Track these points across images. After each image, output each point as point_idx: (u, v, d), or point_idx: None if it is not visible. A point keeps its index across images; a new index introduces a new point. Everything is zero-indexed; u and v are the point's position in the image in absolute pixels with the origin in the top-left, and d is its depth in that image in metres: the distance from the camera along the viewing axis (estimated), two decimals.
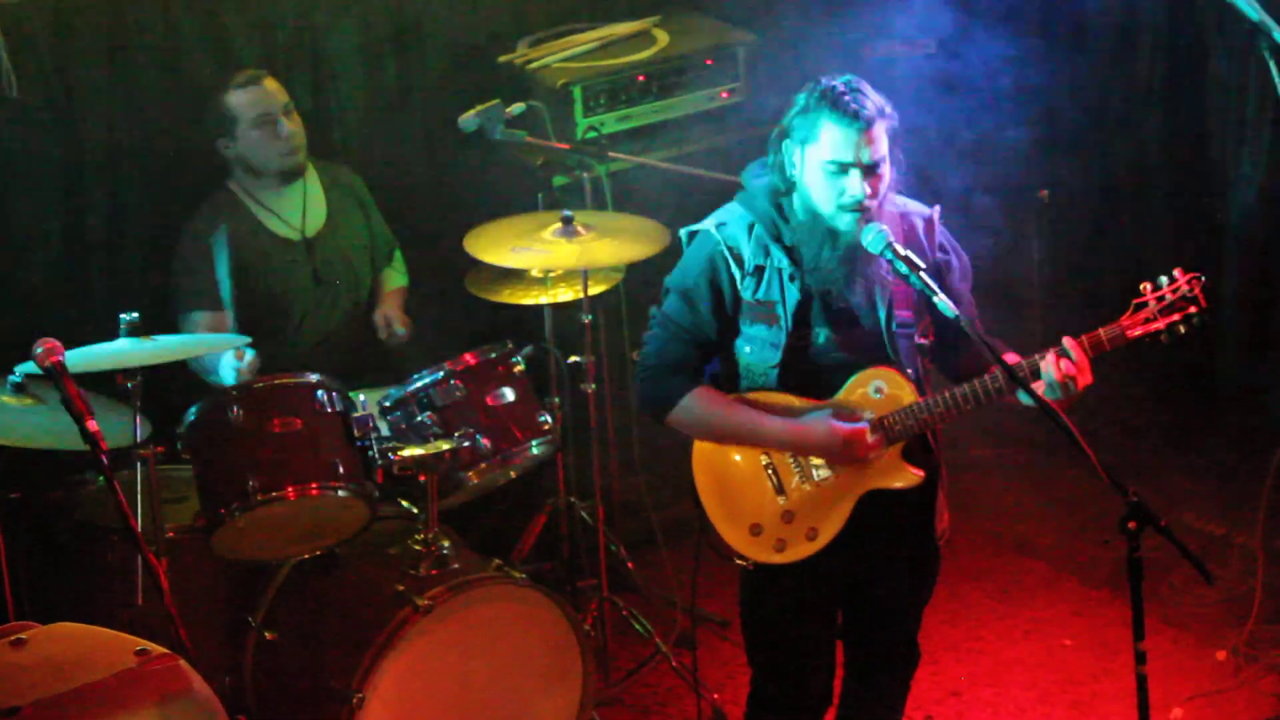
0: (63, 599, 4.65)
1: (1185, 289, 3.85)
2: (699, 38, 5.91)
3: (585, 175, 5.41)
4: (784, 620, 4.05)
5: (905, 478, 3.94)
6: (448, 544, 4.53)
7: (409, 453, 4.50)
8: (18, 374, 4.50)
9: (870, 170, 3.79)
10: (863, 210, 3.79)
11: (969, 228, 4.41)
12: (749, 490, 3.95)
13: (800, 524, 3.93)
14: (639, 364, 4.03)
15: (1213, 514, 5.78)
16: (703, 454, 4.00)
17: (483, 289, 5.29)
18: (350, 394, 4.64)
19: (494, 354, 4.79)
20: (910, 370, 3.92)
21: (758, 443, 3.94)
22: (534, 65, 5.73)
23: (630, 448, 5.56)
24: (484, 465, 4.67)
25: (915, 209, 4.01)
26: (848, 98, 3.76)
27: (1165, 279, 3.86)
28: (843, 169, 3.77)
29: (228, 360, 4.84)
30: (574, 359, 5.23)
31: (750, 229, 3.92)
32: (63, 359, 3.74)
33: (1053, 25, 6.17)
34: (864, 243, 3.80)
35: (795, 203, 3.87)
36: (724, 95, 5.87)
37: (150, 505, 4.41)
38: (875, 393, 3.89)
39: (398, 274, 5.54)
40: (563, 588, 5.33)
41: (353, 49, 5.71)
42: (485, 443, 4.63)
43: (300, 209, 5.26)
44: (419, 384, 4.67)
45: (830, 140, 3.77)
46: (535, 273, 5.24)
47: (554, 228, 5.03)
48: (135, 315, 4.46)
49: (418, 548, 4.52)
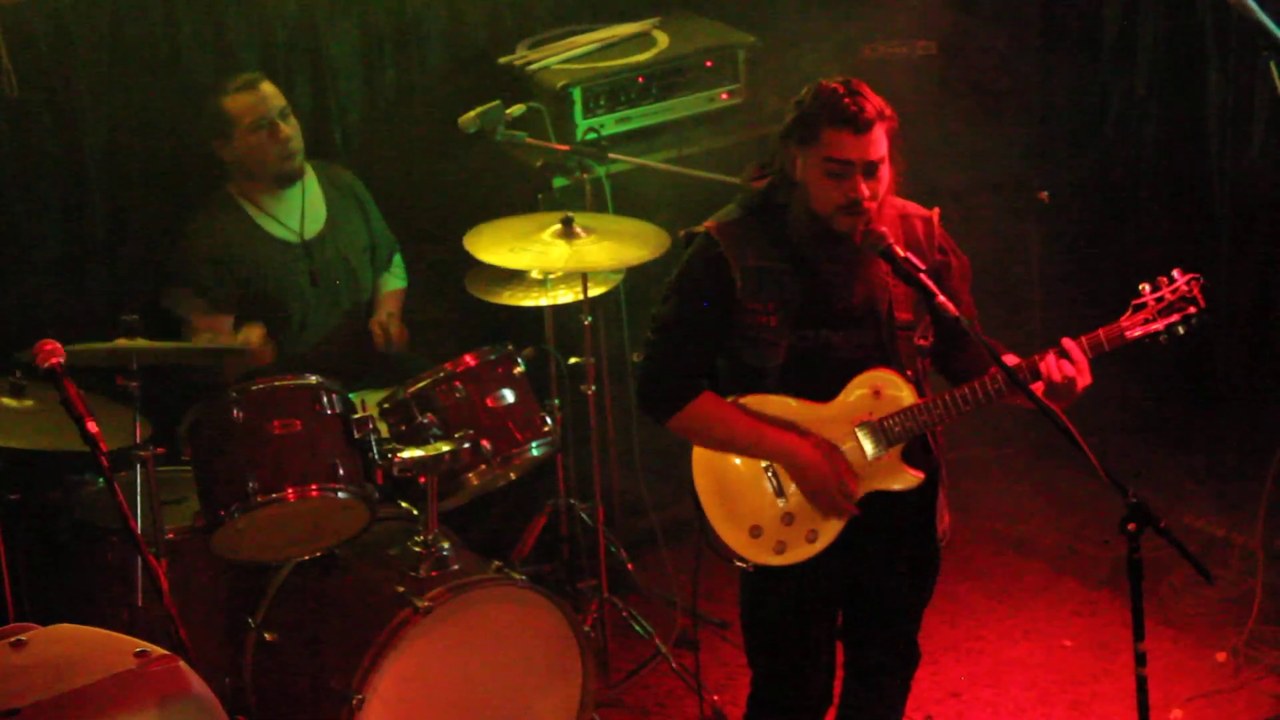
0: (63, 599, 4.66)
1: (1184, 289, 3.85)
2: (699, 39, 5.90)
3: (585, 177, 5.41)
4: (784, 621, 4.04)
5: (905, 479, 3.93)
6: (447, 545, 4.53)
7: (409, 454, 4.50)
8: (18, 375, 4.51)
9: (870, 171, 3.78)
10: (862, 211, 3.78)
11: (968, 228, 4.40)
12: (749, 492, 3.95)
13: (800, 526, 3.93)
14: (640, 366, 4.03)
15: (1213, 514, 5.77)
16: (703, 456, 3.99)
17: (483, 290, 5.29)
18: (350, 395, 4.64)
19: (494, 355, 4.79)
20: (910, 371, 3.91)
21: (758, 456, 3.94)
22: (534, 67, 5.73)
23: (630, 448, 5.55)
24: (484, 466, 4.67)
25: (915, 210, 4.00)
26: (847, 99, 3.75)
27: (1164, 279, 3.87)
28: (842, 170, 3.77)
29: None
30: (574, 360, 5.23)
31: (750, 230, 3.91)
32: (63, 360, 3.74)
33: (1052, 25, 6.17)
34: (864, 244, 3.80)
35: (795, 204, 3.87)
36: (724, 97, 5.87)
37: (150, 506, 4.41)
38: (875, 394, 3.89)
39: (397, 276, 5.54)
40: (563, 589, 5.34)
41: (353, 49, 5.71)
42: (485, 444, 4.64)
43: (298, 211, 5.25)
44: (419, 385, 4.67)
45: (830, 141, 3.76)
46: (535, 274, 5.24)
47: (554, 229, 5.03)
48: (135, 315, 4.48)
49: (417, 549, 4.52)
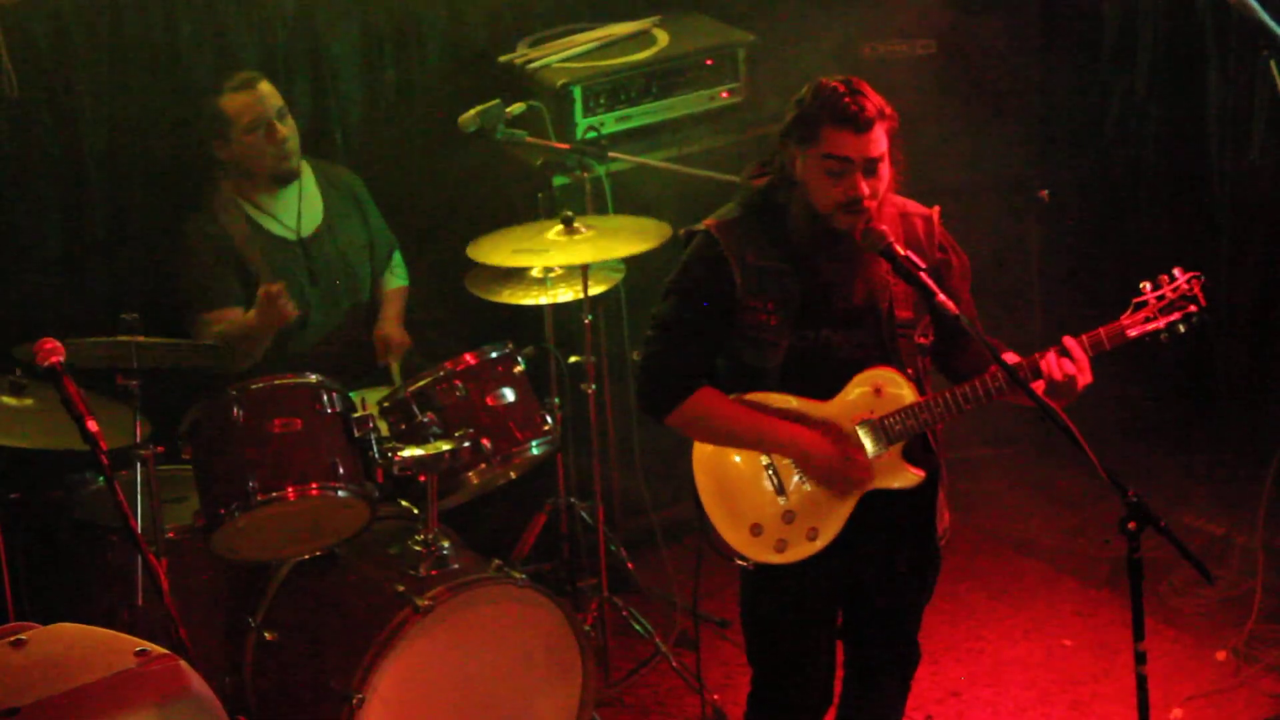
0: (63, 599, 4.66)
1: (1185, 288, 3.85)
2: (699, 38, 5.90)
3: (585, 175, 5.41)
4: (784, 620, 4.04)
5: (905, 478, 3.93)
6: (448, 544, 4.53)
7: (409, 453, 4.50)
8: (18, 374, 4.51)
9: (870, 170, 3.78)
10: (862, 210, 3.78)
11: (968, 228, 4.40)
12: (749, 490, 3.95)
13: (801, 524, 3.93)
14: (640, 365, 4.03)
15: (1213, 514, 5.77)
16: (703, 454, 3.99)
17: (483, 289, 5.29)
18: (350, 394, 4.64)
19: (494, 354, 4.79)
20: (910, 370, 3.91)
21: (759, 448, 3.94)
22: (534, 65, 5.72)
23: (630, 448, 5.55)
24: (484, 465, 4.67)
25: (915, 209, 4.00)
26: (847, 98, 3.75)
27: (1165, 278, 3.87)
28: (842, 169, 3.76)
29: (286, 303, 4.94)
30: (574, 359, 5.23)
31: (750, 229, 3.91)
32: (63, 359, 3.74)
33: (1052, 25, 6.16)
34: (864, 243, 3.80)
35: (795, 203, 3.87)
36: (724, 95, 5.87)
37: (150, 505, 4.41)
38: (875, 393, 3.89)
39: (397, 275, 5.54)
40: (563, 588, 5.34)
41: (353, 49, 5.70)
42: (485, 443, 4.64)
43: (295, 210, 5.25)
44: (419, 384, 4.67)
45: (830, 140, 3.76)
46: (535, 273, 5.24)
47: (555, 229, 5.04)
48: (135, 315, 4.48)
49: (418, 548, 4.52)
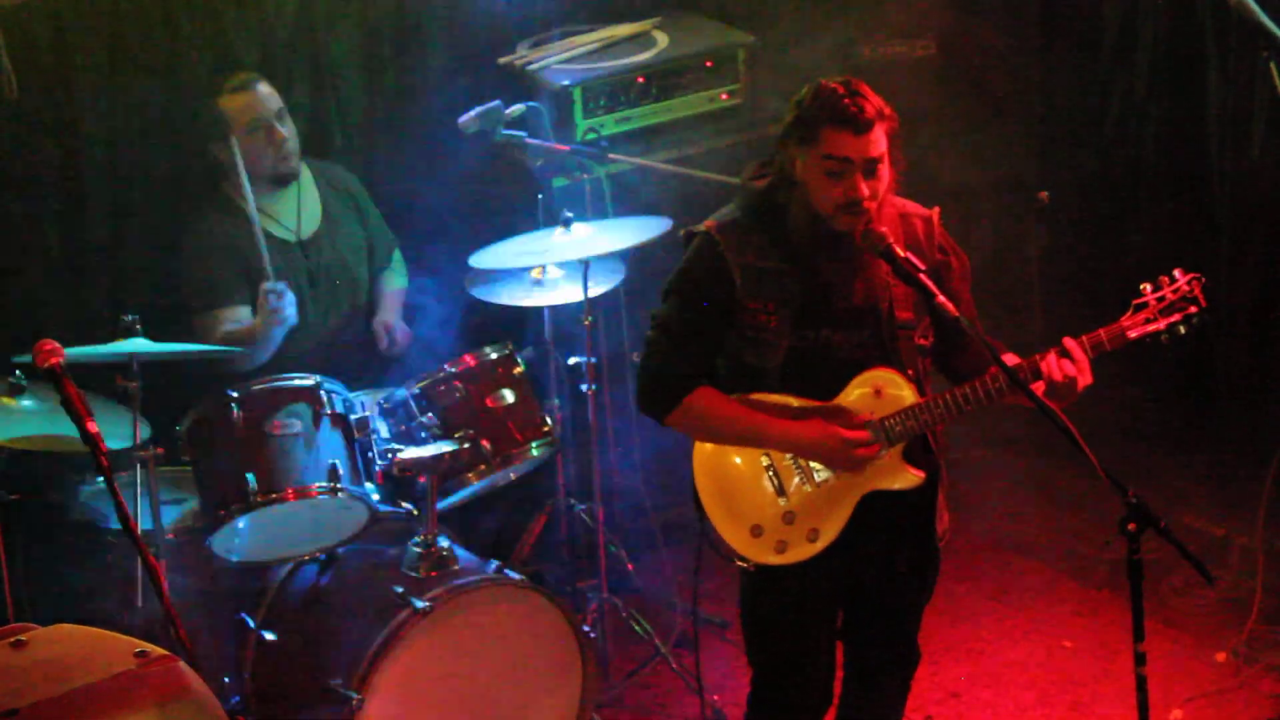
0: (63, 599, 4.66)
1: (1185, 289, 3.85)
2: (699, 39, 5.90)
3: (585, 177, 5.41)
4: (784, 621, 4.04)
5: (906, 479, 3.93)
6: (447, 545, 4.53)
7: (409, 454, 4.50)
8: (18, 375, 4.51)
9: (869, 170, 3.78)
10: (862, 211, 3.78)
11: (968, 228, 4.40)
12: (750, 491, 3.95)
13: (801, 525, 3.93)
14: (640, 365, 4.03)
15: (1213, 514, 5.77)
16: (704, 455, 3.99)
17: (483, 290, 5.29)
18: (350, 395, 4.64)
19: (494, 355, 4.79)
20: (910, 371, 3.91)
21: (758, 444, 3.94)
22: (534, 67, 5.72)
23: (630, 448, 5.55)
24: (484, 466, 4.68)
25: (915, 210, 4.00)
26: (847, 99, 3.75)
27: (1165, 279, 3.86)
28: (842, 170, 3.76)
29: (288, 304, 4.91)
30: (574, 360, 5.23)
31: (750, 230, 3.91)
32: (62, 360, 3.74)
33: (1052, 25, 6.17)
34: (864, 244, 3.80)
35: (795, 204, 3.86)
36: (724, 97, 5.86)
37: (150, 506, 4.41)
38: (876, 394, 3.89)
39: (396, 275, 5.54)
40: (563, 589, 5.33)
41: (353, 49, 5.70)
42: (485, 444, 4.64)
43: (295, 211, 5.25)
44: (419, 385, 4.67)
45: (829, 141, 3.75)
46: (535, 273, 5.24)
47: (555, 231, 5.06)
48: (135, 315, 4.48)
49: (417, 549, 4.52)
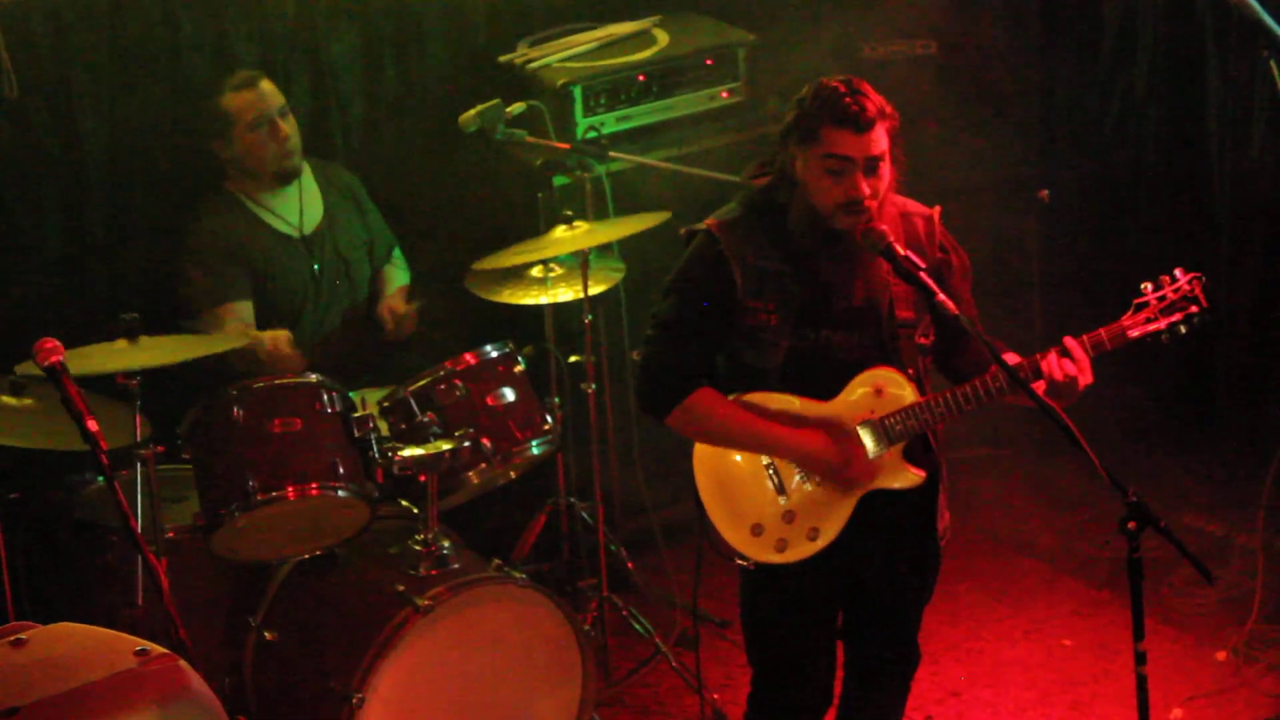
0: (63, 599, 4.65)
1: (1186, 289, 3.85)
2: (699, 38, 5.90)
3: (585, 175, 5.41)
4: (784, 620, 4.04)
5: (906, 478, 3.93)
6: (448, 544, 4.53)
7: (409, 453, 4.50)
8: (16, 372, 4.51)
9: (870, 169, 3.77)
10: (863, 210, 3.78)
11: (968, 228, 4.40)
12: (750, 490, 3.95)
13: (801, 524, 3.93)
14: (640, 364, 4.03)
15: (1213, 514, 5.77)
16: (704, 454, 3.99)
17: (483, 289, 5.29)
18: (350, 394, 4.64)
19: (494, 354, 4.79)
20: (911, 370, 3.91)
21: (756, 450, 3.93)
22: (534, 65, 5.72)
23: (630, 448, 5.55)
24: (484, 465, 4.67)
25: (915, 209, 4.00)
26: (848, 98, 3.75)
27: (1166, 279, 3.86)
28: (843, 169, 3.76)
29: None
30: (574, 359, 5.23)
31: (751, 229, 3.91)
32: (63, 359, 3.74)
33: (1052, 25, 6.17)
34: (864, 243, 3.80)
35: (795, 203, 3.86)
36: (724, 95, 5.86)
37: (150, 505, 4.41)
38: (876, 393, 3.89)
39: (400, 271, 5.53)
40: (563, 588, 5.34)
41: (353, 49, 5.70)
42: (485, 443, 4.63)
43: (297, 208, 5.25)
44: (419, 384, 4.67)
45: (830, 140, 3.75)
46: (535, 272, 5.24)
47: (556, 231, 5.05)
48: (135, 315, 4.47)
49: (418, 548, 4.52)
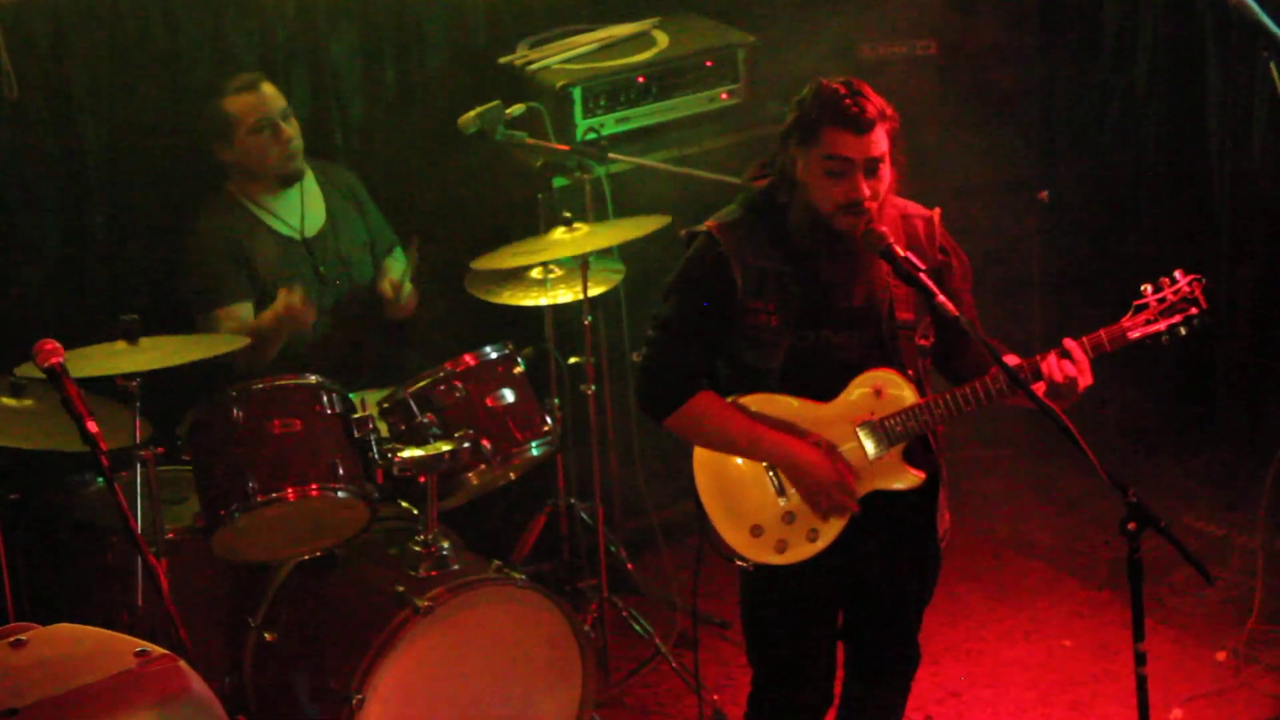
0: (63, 599, 4.65)
1: (1186, 290, 3.85)
2: (699, 39, 5.90)
3: (585, 177, 5.41)
4: (784, 621, 4.04)
5: (907, 479, 3.93)
6: (447, 545, 4.53)
7: (409, 454, 4.49)
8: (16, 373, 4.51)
9: (871, 170, 3.78)
10: (863, 211, 3.78)
11: (969, 228, 4.40)
12: (750, 491, 3.95)
13: (801, 525, 3.93)
14: (640, 365, 4.03)
15: (1213, 514, 5.77)
16: (704, 454, 3.99)
17: (483, 289, 5.29)
18: (350, 395, 4.64)
19: (494, 355, 4.79)
20: (911, 371, 3.91)
21: (753, 456, 3.93)
22: (534, 66, 5.72)
23: (630, 448, 5.55)
24: (484, 466, 4.67)
25: (916, 210, 4.00)
26: (848, 99, 3.75)
27: (1166, 280, 3.86)
28: (843, 170, 3.76)
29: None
30: (574, 360, 5.23)
31: (751, 230, 3.91)
32: (63, 360, 3.74)
33: (1052, 25, 6.17)
34: (864, 244, 3.80)
35: (796, 204, 3.86)
36: (724, 96, 5.86)
37: (150, 506, 4.41)
38: (876, 394, 3.89)
39: (399, 262, 5.51)
40: (563, 588, 5.34)
41: (353, 49, 5.70)
42: (485, 444, 4.63)
43: (298, 210, 5.25)
44: (419, 385, 4.67)
45: (830, 141, 3.76)
46: (535, 273, 5.24)
47: (556, 232, 5.05)
48: (135, 316, 4.47)
49: (417, 549, 4.51)
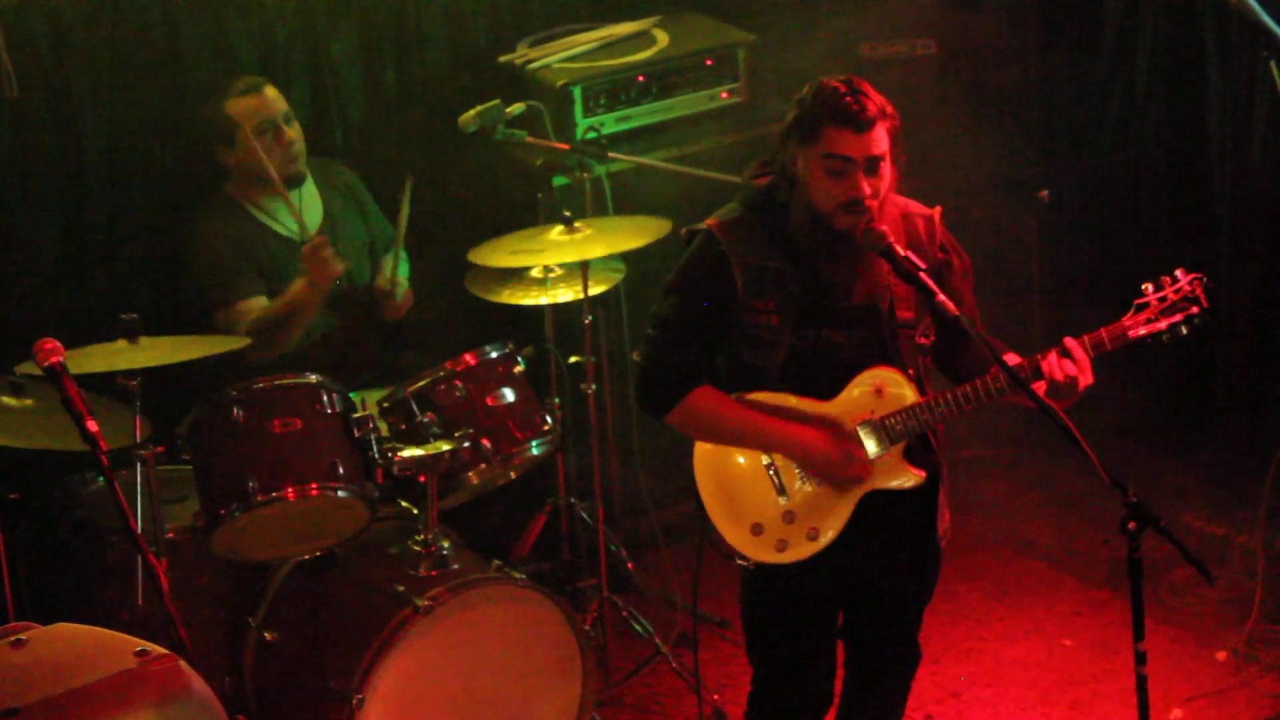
0: (63, 599, 4.65)
1: (1187, 289, 3.84)
2: (699, 38, 5.90)
3: (585, 176, 5.41)
4: (785, 620, 4.04)
5: (907, 478, 3.93)
6: (447, 544, 4.53)
7: (409, 453, 4.49)
8: (17, 372, 4.51)
9: (871, 169, 3.77)
10: (863, 210, 3.78)
11: (969, 227, 4.40)
12: (751, 490, 3.95)
13: (801, 524, 3.93)
14: (640, 364, 4.03)
15: (1213, 514, 5.77)
16: (705, 453, 3.99)
17: (483, 289, 5.29)
18: (350, 394, 4.64)
19: (494, 354, 4.78)
20: (911, 370, 3.91)
21: (756, 446, 3.93)
22: (534, 65, 5.73)
23: (630, 447, 5.55)
24: (484, 465, 4.67)
25: (916, 209, 4.00)
26: (848, 98, 3.75)
27: (1167, 279, 3.86)
28: (843, 168, 3.76)
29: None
30: (574, 359, 5.23)
31: (751, 229, 3.91)
32: (63, 359, 3.74)
33: (1052, 25, 6.17)
34: (864, 243, 3.80)
35: (796, 203, 3.86)
36: (724, 95, 5.86)
37: (150, 505, 4.41)
38: (876, 392, 3.89)
39: (401, 262, 5.51)
40: (563, 588, 5.34)
41: (353, 49, 5.70)
42: (485, 443, 4.63)
43: (297, 210, 5.24)
44: (419, 384, 4.66)
45: (831, 140, 3.75)
46: (535, 273, 5.24)
47: (555, 231, 5.05)
48: (135, 316, 4.47)
49: (417, 548, 4.52)
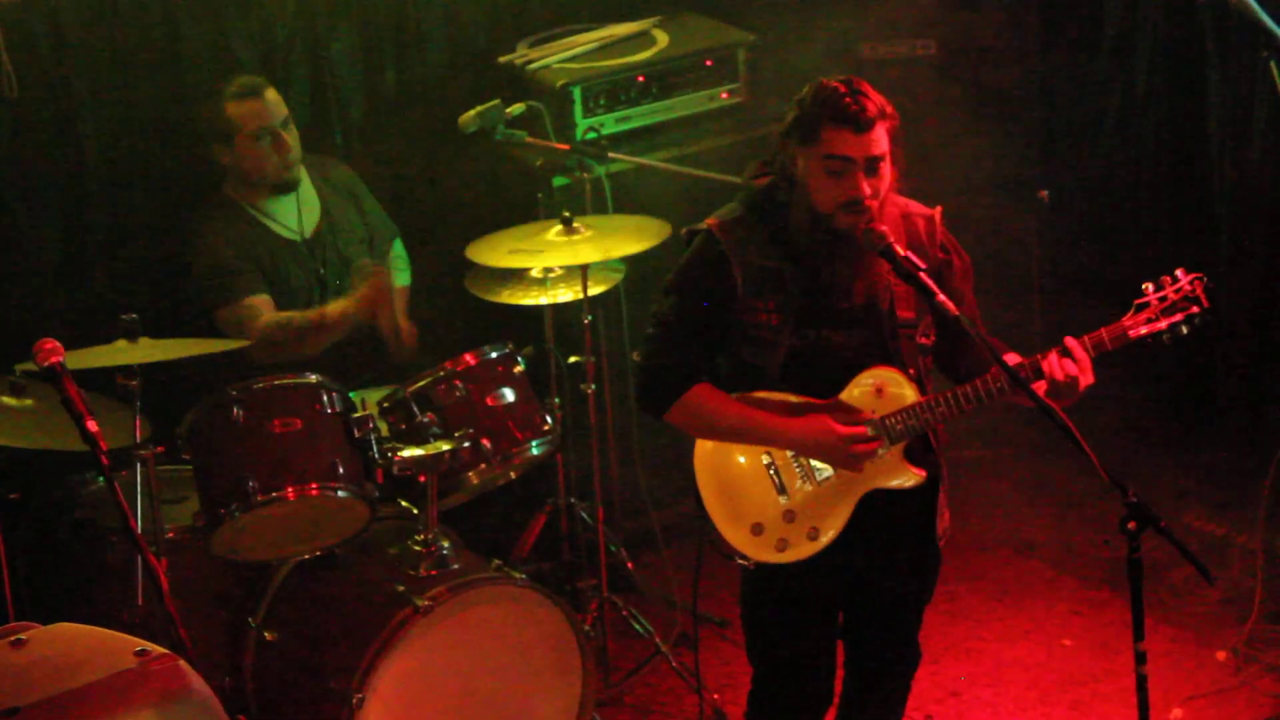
0: (63, 599, 4.65)
1: (1187, 289, 3.84)
2: (699, 38, 5.90)
3: (585, 176, 5.41)
4: (785, 620, 4.04)
5: (907, 477, 3.93)
6: (447, 544, 4.53)
7: (409, 453, 4.50)
8: (17, 373, 4.51)
9: (871, 169, 3.77)
10: (863, 210, 3.78)
11: (969, 227, 4.40)
12: (751, 489, 3.95)
13: (802, 523, 3.93)
14: (640, 364, 4.03)
15: (1213, 514, 5.77)
16: (705, 453, 3.99)
17: (483, 289, 5.29)
18: (350, 394, 4.64)
19: (494, 354, 4.79)
20: (911, 370, 3.91)
21: (757, 440, 3.93)
22: (534, 66, 5.73)
23: (630, 448, 5.55)
24: (484, 465, 4.67)
25: (917, 209, 4.00)
26: (848, 98, 3.75)
27: (1167, 279, 3.86)
28: (843, 168, 3.76)
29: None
30: (574, 359, 5.23)
31: (751, 229, 3.91)
32: (63, 359, 3.74)
33: (1052, 25, 6.17)
34: (864, 243, 3.80)
35: (796, 203, 3.86)
36: (724, 96, 5.86)
37: (150, 505, 4.41)
38: (877, 392, 3.89)
39: (400, 272, 5.51)
40: (563, 588, 5.33)
41: (353, 49, 5.70)
42: (485, 443, 4.63)
43: (295, 211, 5.24)
44: (419, 384, 4.67)
45: (831, 140, 3.75)
46: (535, 273, 5.24)
47: (554, 230, 5.05)
48: (135, 316, 4.47)
49: (417, 548, 4.52)
